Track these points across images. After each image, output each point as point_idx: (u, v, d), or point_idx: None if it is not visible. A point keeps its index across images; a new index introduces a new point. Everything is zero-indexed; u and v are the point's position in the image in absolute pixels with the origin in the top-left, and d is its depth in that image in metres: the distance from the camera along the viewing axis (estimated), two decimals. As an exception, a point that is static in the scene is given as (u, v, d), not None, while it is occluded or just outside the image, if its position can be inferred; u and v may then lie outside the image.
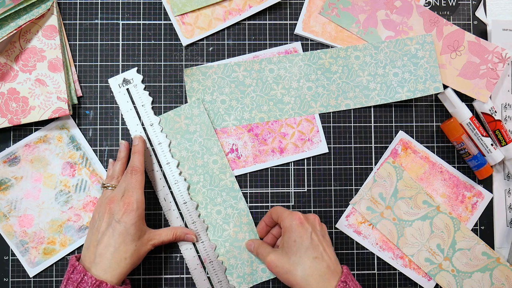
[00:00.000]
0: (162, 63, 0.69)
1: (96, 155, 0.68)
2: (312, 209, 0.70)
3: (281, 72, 0.69)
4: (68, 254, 0.67)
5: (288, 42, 0.70)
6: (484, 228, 0.71)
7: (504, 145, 0.69)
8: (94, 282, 0.55)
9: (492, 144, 0.69)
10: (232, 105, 0.69)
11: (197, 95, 0.69)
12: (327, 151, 0.70)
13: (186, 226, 0.68)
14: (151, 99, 0.69)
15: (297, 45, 0.70)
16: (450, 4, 0.72)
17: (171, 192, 0.68)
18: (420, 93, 0.69)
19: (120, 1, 0.70)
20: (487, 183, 0.71)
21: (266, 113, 0.69)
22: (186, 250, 0.68)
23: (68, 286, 0.56)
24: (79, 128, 0.68)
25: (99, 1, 0.69)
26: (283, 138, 0.69)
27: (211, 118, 0.69)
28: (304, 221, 0.59)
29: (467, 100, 0.71)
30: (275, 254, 0.60)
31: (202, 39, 0.70)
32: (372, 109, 0.71)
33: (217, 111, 0.69)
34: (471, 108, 0.71)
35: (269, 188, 0.70)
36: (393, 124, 0.71)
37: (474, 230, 0.71)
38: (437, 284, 0.69)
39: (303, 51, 0.70)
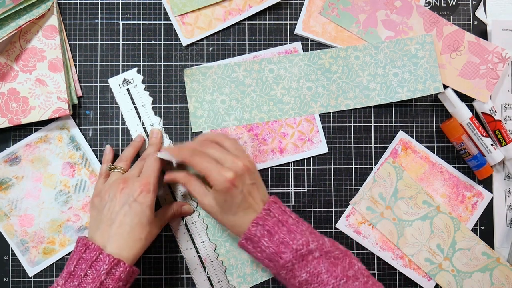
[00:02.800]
0: (162, 63, 0.69)
1: (96, 155, 0.68)
2: (312, 209, 0.70)
3: (281, 72, 0.69)
4: (67, 254, 0.67)
5: (288, 42, 0.70)
6: (484, 228, 0.71)
7: (504, 145, 0.69)
8: (111, 260, 0.53)
9: (492, 144, 0.69)
10: (232, 105, 0.69)
11: (197, 96, 0.69)
12: (327, 151, 0.70)
13: (186, 225, 0.68)
14: (151, 99, 0.69)
15: (297, 45, 0.70)
16: (450, 4, 0.72)
17: (171, 192, 0.68)
18: (420, 93, 0.69)
19: (120, 1, 0.70)
20: (487, 183, 0.71)
21: (266, 113, 0.69)
22: (186, 250, 0.68)
23: (80, 265, 0.54)
24: (79, 128, 0.68)
25: (99, 1, 0.69)
26: (283, 138, 0.69)
27: (211, 118, 0.69)
28: (235, 181, 0.56)
29: (467, 100, 0.71)
30: (208, 199, 0.59)
31: (202, 39, 0.70)
32: (372, 109, 0.71)
33: (217, 111, 0.69)
34: (471, 108, 0.71)
35: (269, 188, 0.70)
36: (393, 124, 0.71)
37: (474, 230, 0.71)
38: (437, 284, 0.69)
39: (303, 51, 0.70)
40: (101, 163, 0.68)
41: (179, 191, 0.68)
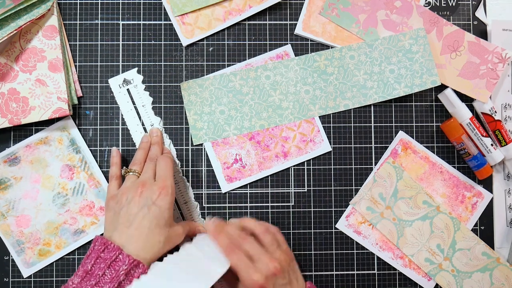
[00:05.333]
0: (162, 63, 0.69)
1: (96, 156, 0.68)
2: (312, 209, 0.70)
3: (278, 78, 0.69)
4: (64, 256, 0.67)
5: (288, 42, 0.70)
6: (484, 228, 0.71)
7: (504, 145, 0.70)
8: (131, 261, 0.52)
9: (492, 144, 0.69)
10: (232, 115, 0.69)
11: (195, 108, 0.68)
12: (331, 149, 0.70)
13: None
14: (151, 99, 0.69)
15: (288, 48, 0.70)
16: (450, 4, 0.72)
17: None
18: (418, 87, 0.69)
19: (120, 1, 0.70)
20: (487, 183, 0.71)
21: (266, 120, 0.69)
22: (186, 250, 0.68)
23: (98, 264, 0.53)
24: (80, 129, 0.68)
25: (99, 1, 0.69)
26: (285, 142, 0.69)
27: (212, 129, 0.69)
28: (264, 284, 0.53)
29: (467, 100, 0.71)
30: None
31: (202, 39, 0.70)
32: (372, 109, 0.71)
33: (216, 122, 0.69)
34: (471, 108, 0.71)
35: (269, 188, 0.69)
36: (393, 124, 0.71)
37: (474, 230, 0.71)
38: (437, 284, 0.69)
39: (304, 52, 0.70)
40: (100, 167, 0.68)
41: (179, 191, 0.68)
